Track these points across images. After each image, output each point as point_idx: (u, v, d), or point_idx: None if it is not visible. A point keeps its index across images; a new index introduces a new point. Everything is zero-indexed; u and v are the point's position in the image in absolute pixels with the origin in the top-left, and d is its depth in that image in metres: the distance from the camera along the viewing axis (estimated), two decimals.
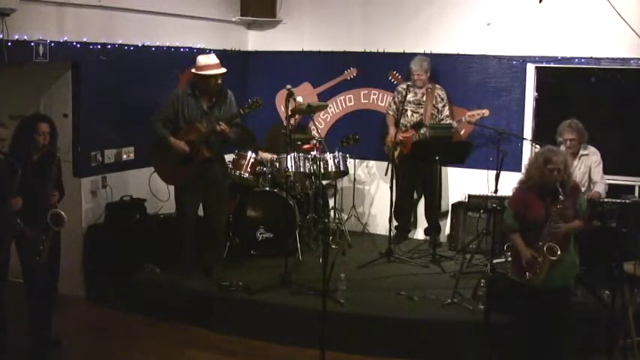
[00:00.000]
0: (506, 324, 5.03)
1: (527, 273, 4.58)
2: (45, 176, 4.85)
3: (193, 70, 5.91)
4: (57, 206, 4.94)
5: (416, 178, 7.19)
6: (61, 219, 4.85)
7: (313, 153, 6.60)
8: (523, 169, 4.89)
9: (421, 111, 6.94)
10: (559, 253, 4.49)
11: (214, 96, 5.91)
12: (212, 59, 5.93)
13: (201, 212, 6.25)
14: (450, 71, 7.27)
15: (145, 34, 6.66)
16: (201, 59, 5.92)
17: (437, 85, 7.05)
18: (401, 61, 7.34)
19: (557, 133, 6.00)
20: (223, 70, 5.93)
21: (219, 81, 5.90)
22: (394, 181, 6.85)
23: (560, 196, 4.54)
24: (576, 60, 6.76)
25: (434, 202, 7.06)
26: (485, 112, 6.77)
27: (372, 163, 7.76)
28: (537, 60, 6.96)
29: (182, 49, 7.07)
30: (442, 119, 6.94)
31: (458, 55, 7.25)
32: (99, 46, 6.16)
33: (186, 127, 5.84)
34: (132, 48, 6.50)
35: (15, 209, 4.59)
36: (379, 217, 7.67)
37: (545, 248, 4.49)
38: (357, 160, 7.41)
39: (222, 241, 6.34)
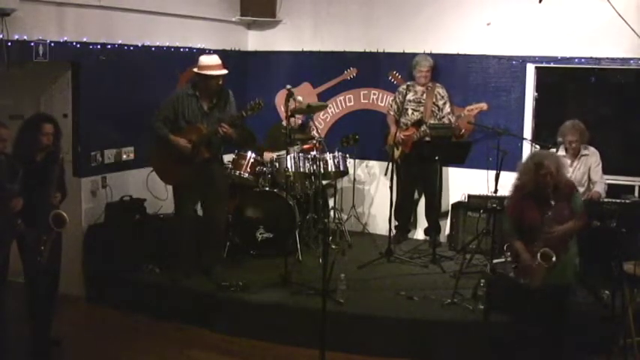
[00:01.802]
0: (506, 324, 5.04)
1: (524, 278, 4.60)
2: (47, 177, 4.85)
3: (195, 70, 5.91)
4: (59, 207, 4.94)
5: (416, 178, 7.19)
6: (62, 220, 4.84)
7: (313, 153, 6.61)
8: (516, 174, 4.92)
9: (421, 109, 6.95)
10: (553, 259, 4.51)
11: (215, 97, 5.92)
12: (214, 60, 5.93)
13: (199, 212, 6.26)
14: (450, 71, 7.28)
15: (145, 34, 6.66)
16: (204, 59, 5.92)
17: (437, 84, 7.05)
18: (401, 61, 7.34)
19: (558, 134, 6.02)
20: (225, 71, 5.93)
21: (220, 82, 5.90)
22: (394, 181, 6.85)
23: (552, 202, 4.56)
24: (576, 60, 6.76)
25: (434, 202, 7.07)
26: (484, 106, 6.78)
27: (372, 163, 7.76)
28: (537, 60, 6.96)
29: (182, 49, 7.07)
30: (443, 117, 6.94)
31: (458, 55, 7.25)
32: (99, 46, 6.16)
33: (187, 127, 5.84)
34: (132, 48, 6.51)
35: (16, 210, 4.59)
36: (379, 217, 7.67)
37: (539, 255, 4.51)
38: (357, 160, 7.41)
39: (222, 241, 6.34)
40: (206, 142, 5.83)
